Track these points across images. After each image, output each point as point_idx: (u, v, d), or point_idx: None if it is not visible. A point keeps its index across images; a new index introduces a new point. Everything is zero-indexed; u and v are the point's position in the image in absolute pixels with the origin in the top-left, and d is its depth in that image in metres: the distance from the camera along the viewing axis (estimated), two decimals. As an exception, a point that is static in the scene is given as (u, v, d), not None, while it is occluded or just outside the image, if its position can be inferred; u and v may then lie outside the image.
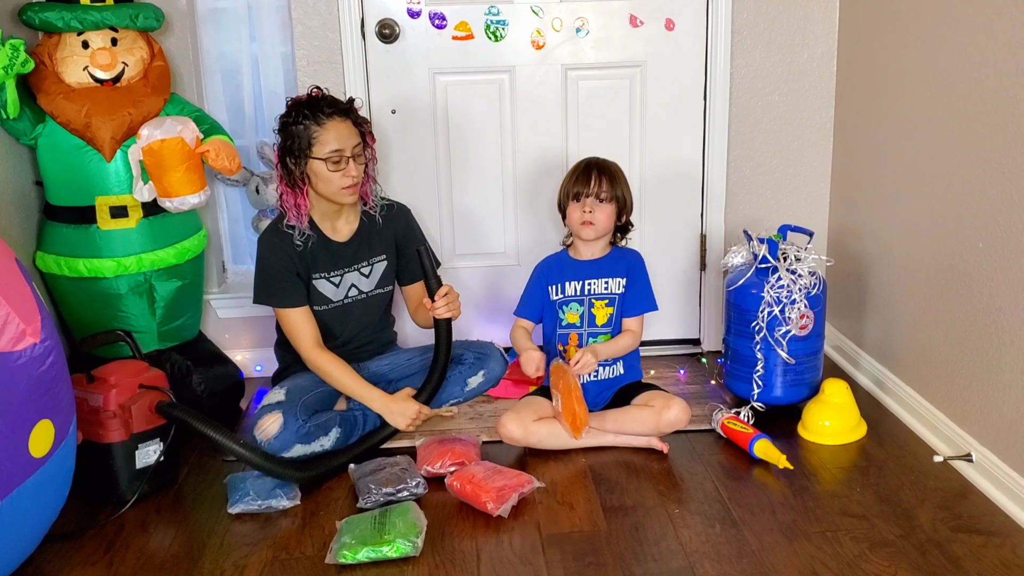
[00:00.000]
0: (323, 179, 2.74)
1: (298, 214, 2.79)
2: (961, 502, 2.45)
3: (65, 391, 2.18)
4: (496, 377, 2.99)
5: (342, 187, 2.75)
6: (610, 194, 2.81)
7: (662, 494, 2.56)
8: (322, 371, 2.82)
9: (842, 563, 2.20)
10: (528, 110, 3.37)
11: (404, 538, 2.28)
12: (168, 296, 3.08)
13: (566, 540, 2.35)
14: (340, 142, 2.71)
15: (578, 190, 2.82)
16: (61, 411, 2.15)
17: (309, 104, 2.73)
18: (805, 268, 2.89)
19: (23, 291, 2.08)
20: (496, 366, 2.98)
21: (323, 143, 2.71)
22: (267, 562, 2.30)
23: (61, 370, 2.15)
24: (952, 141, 2.64)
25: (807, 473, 2.63)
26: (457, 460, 2.68)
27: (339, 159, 2.72)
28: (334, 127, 2.71)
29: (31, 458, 2.05)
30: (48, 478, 2.13)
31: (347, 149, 2.73)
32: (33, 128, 2.90)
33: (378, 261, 2.96)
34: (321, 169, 2.73)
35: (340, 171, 2.72)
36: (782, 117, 3.40)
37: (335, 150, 2.71)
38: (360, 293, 2.94)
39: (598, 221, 2.82)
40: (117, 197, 2.94)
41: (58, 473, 2.17)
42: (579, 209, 2.82)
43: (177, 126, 2.88)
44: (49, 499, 2.19)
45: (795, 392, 2.96)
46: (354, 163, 2.75)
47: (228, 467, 2.78)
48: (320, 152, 2.71)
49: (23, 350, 2.01)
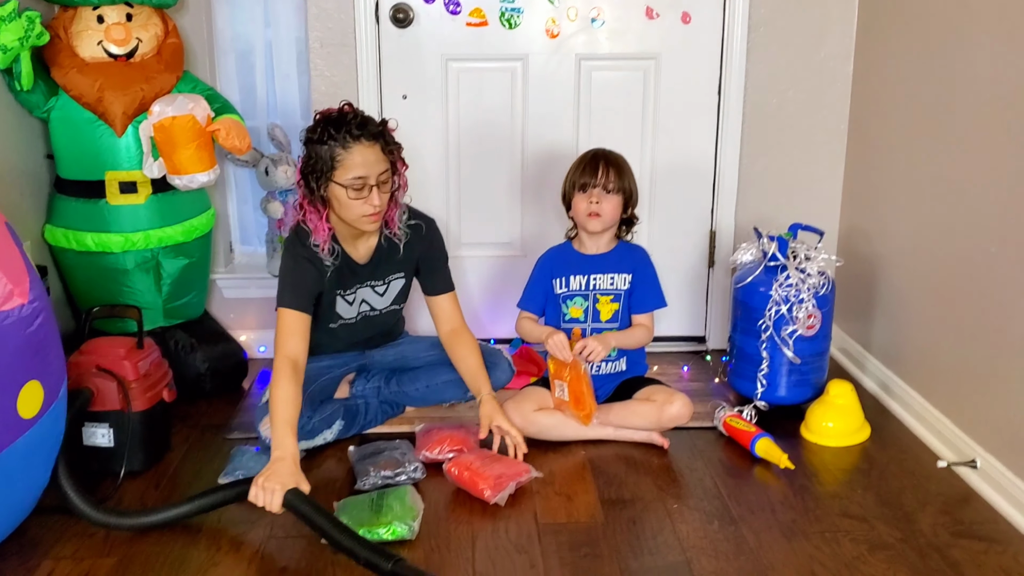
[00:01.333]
0: (343, 204, 2.55)
1: (321, 237, 2.61)
2: (963, 508, 2.43)
3: (55, 354, 2.18)
4: (500, 385, 2.91)
5: (363, 215, 2.56)
6: (617, 185, 2.79)
7: (661, 489, 2.54)
8: (272, 387, 2.53)
9: (840, 564, 2.18)
10: (540, 99, 3.35)
11: (401, 521, 2.28)
12: (175, 273, 3.09)
13: (563, 530, 2.34)
14: (365, 168, 2.51)
15: (585, 180, 2.80)
16: (51, 373, 2.15)
17: (337, 123, 2.51)
18: (814, 267, 2.87)
19: (12, 253, 2.09)
20: (502, 375, 2.92)
21: (346, 168, 2.51)
22: (264, 540, 2.30)
23: (51, 332, 2.16)
24: (967, 144, 2.61)
25: (808, 473, 2.62)
26: (456, 447, 2.67)
27: (362, 186, 2.52)
28: (360, 152, 2.50)
29: (20, 419, 2.06)
30: (38, 440, 2.14)
31: (372, 177, 2.52)
32: (46, 101, 2.90)
33: (395, 279, 2.83)
34: (342, 194, 2.53)
35: (362, 199, 2.53)
36: (797, 115, 3.38)
37: (359, 177, 2.51)
38: (372, 310, 2.84)
39: (605, 212, 2.80)
40: (127, 172, 2.95)
41: (48, 436, 2.18)
42: (585, 200, 2.80)
43: (189, 104, 2.87)
44: (40, 462, 2.20)
45: (799, 392, 2.94)
46: (378, 191, 2.54)
47: (229, 444, 2.78)
48: (342, 177, 2.51)
49: (11, 310, 2.02)
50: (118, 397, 2.55)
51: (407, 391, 2.92)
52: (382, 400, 2.91)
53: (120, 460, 2.56)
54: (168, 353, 3.03)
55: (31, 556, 2.23)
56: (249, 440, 2.79)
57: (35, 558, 2.22)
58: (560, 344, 2.72)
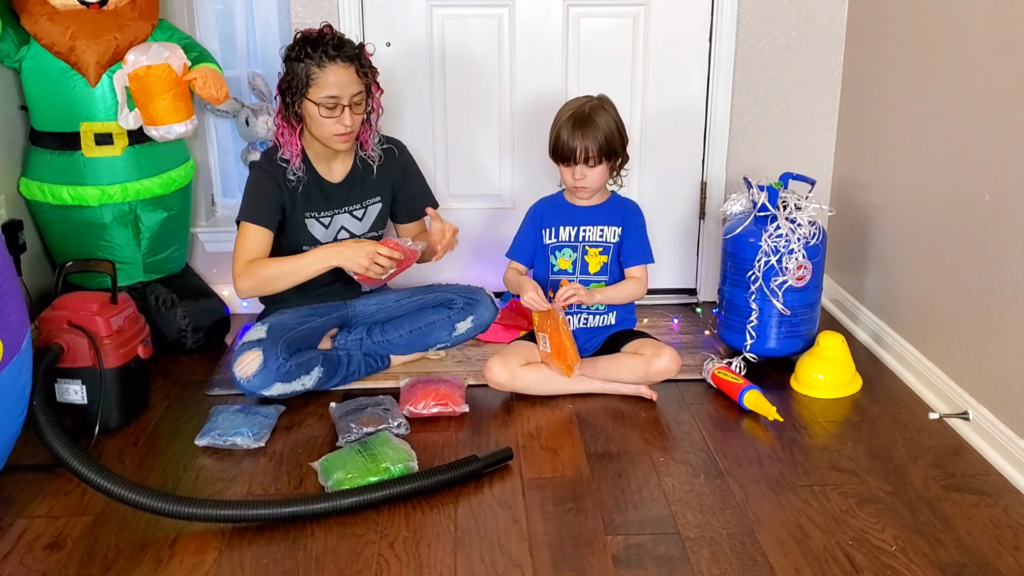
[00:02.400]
0: (316, 122, 2.66)
1: (291, 151, 2.71)
2: (955, 460, 2.39)
3: (15, 306, 2.11)
4: (485, 323, 2.94)
5: (334, 134, 2.66)
6: (598, 156, 2.69)
7: (648, 442, 2.50)
8: (258, 278, 2.68)
9: (828, 518, 2.15)
10: (527, 47, 3.27)
11: (402, 463, 2.29)
12: (154, 227, 3.03)
13: (547, 485, 2.30)
14: (338, 88, 2.61)
15: (566, 155, 2.71)
16: (10, 325, 2.09)
17: (315, 42, 2.61)
18: (805, 217, 2.81)
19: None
20: (486, 312, 2.92)
21: (320, 86, 2.61)
22: (242, 497, 2.26)
23: (10, 286, 2.09)
24: (962, 91, 2.55)
25: (798, 426, 2.58)
26: (441, 401, 2.64)
27: (334, 105, 2.62)
28: (334, 72, 2.60)
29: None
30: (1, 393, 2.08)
31: (345, 97, 2.62)
32: (17, 50, 2.83)
33: (372, 203, 2.88)
34: (314, 112, 2.64)
35: (333, 118, 2.64)
36: (789, 63, 3.30)
37: (331, 96, 2.61)
38: (350, 236, 2.86)
39: (590, 182, 2.73)
40: (102, 124, 2.88)
41: (12, 389, 2.12)
42: (569, 173, 2.74)
43: (164, 52, 2.80)
44: (3, 417, 2.13)
45: (789, 344, 2.90)
46: (350, 112, 2.64)
47: (209, 401, 2.74)
48: (316, 95, 2.61)
49: None
50: (89, 353, 2.50)
51: (391, 339, 2.89)
52: (365, 352, 2.87)
53: (94, 417, 2.51)
54: (148, 309, 2.99)
55: (4, 514, 2.20)
56: (229, 398, 2.75)
57: (8, 516, 2.19)
58: (534, 298, 2.67)
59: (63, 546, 2.08)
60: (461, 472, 2.29)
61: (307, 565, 2.00)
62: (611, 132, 2.71)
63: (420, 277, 3.25)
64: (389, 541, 2.08)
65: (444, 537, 2.10)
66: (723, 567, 1.98)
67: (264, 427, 2.54)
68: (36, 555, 2.06)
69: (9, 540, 2.10)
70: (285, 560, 2.02)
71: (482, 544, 2.07)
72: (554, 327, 2.67)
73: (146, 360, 2.67)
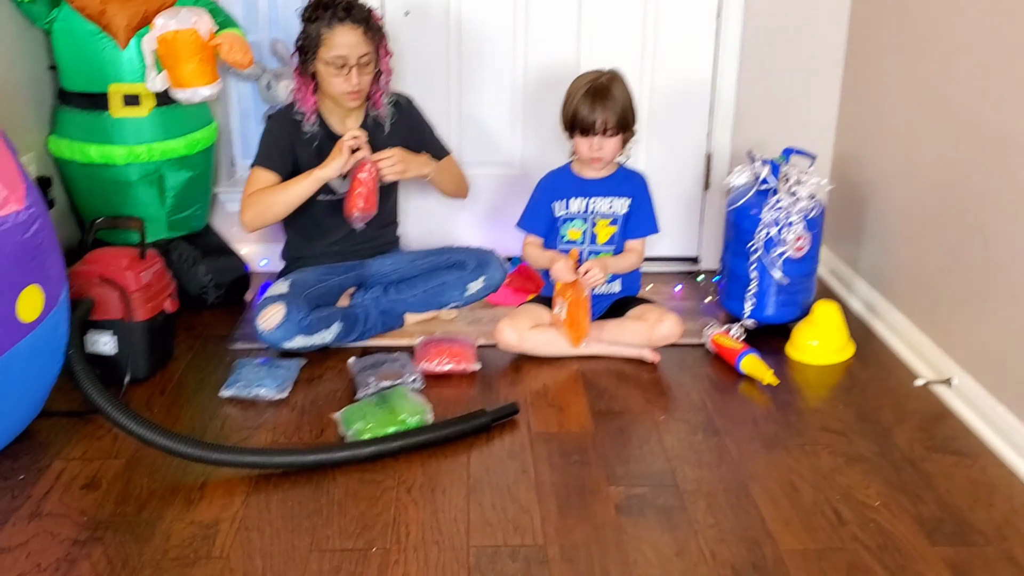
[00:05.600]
0: (326, 80, 2.82)
1: (306, 106, 2.88)
2: (938, 424, 2.52)
3: (54, 260, 2.25)
4: (496, 284, 3.06)
5: (342, 92, 2.82)
6: (616, 127, 2.80)
7: (649, 402, 2.63)
8: (258, 206, 2.84)
9: (818, 475, 2.28)
10: (541, 16, 3.36)
11: (418, 415, 2.43)
12: (178, 186, 3.14)
13: (554, 439, 2.44)
14: (346, 49, 2.76)
15: (585, 127, 2.80)
16: (50, 278, 2.22)
17: (326, 5, 2.77)
18: (805, 191, 2.92)
19: (7, 161, 2.14)
20: (496, 273, 3.04)
21: (329, 46, 2.77)
22: (266, 445, 2.40)
23: (48, 238, 2.22)
24: (960, 71, 2.65)
25: (792, 390, 2.71)
26: (454, 358, 2.76)
27: (342, 64, 2.78)
28: (342, 33, 2.76)
29: (20, 323, 2.13)
30: (40, 344, 2.21)
31: (352, 58, 2.77)
32: (48, 12, 2.92)
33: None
34: (324, 71, 2.81)
35: (341, 77, 2.79)
36: (795, 39, 3.39)
37: (339, 55, 2.77)
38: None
39: (607, 154, 2.84)
40: (130, 85, 2.98)
41: (50, 340, 2.25)
42: (586, 144, 2.83)
43: (192, 17, 2.89)
44: (42, 365, 2.27)
45: (786, 312, 3.02)
46: (357, 72, 2.79)
47: (232, 354, 2.87)
48: (325, 55, 2.78)
49: (6, 216, 2.08)
50: (120, 306, 2.62)
51: (405, 298, 3.01)
52: (381, 310, 2.99)
53: (124, 367, 2.64)
54: (171, 265, 3.09)
55: (41, 456, 2.33)
56: (251, 351, 2.87)
57: (46, 458, 2.32)
58: (564, 269, 2.79)
59: (98, 486, 2.22)
60: (471, 425, 2.43)
61: (330, 508, 2.14)
62: (627, 104, 2.82)
63: (433, 240, 3.37)
64: (407, 487, 2.22)
65: (458, 484, 2.24)
66: (718, 517, 2.12)
67: (286, 379, 2.67)
68: (74, 494, 2.19)
69: (48, 479, 2.24)
70: (309, 503, 2.16)
71: (493, 492, 2.21)
72: (575, 298, 2.77)
73: (172, 314, 2.79)
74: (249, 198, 2.84)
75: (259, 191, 2.84)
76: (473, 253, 3.08)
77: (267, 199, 2.83)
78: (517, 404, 2.55)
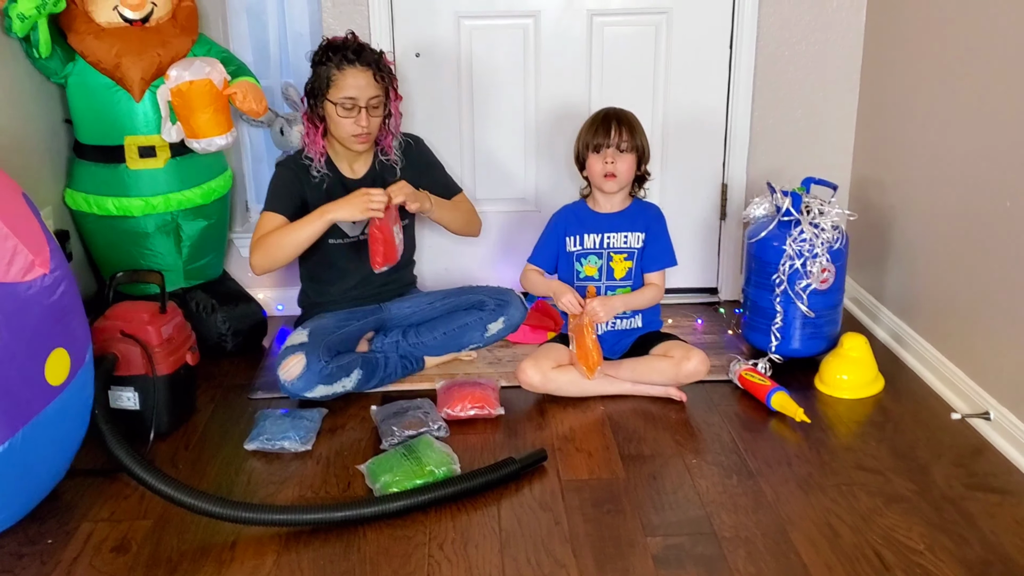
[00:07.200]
0: (334, 122, 2.81)
1: (315, 150, 2.87)
2: (977, 460, 2.48)
3: (79, 320, 2.24)
4: (516, 323, 3.03)
5: (351, 134, 2.81)
6: (630, 144, 2.82)
7: (679, 444, 2.60)
8: (266, 247, 2.78)
9: (857, 517, 2.24)
10: (552, 56, 3.36)
11: (445, 466, 2.40)
12: (194, 235, 3.12)
13: (585, 487, 2.40)
14: (356, 91, 2.76)
15: (599, 141, 2.82)
16: (76, 340, 2.21)
17: (336, 47, 2.78)
18: (828, 222, 2.90)
19: (31, 224, 2.13)
20: (516, 312, 3.02)
21: (339, 87, 2.76)
22: (294, 500, 2.37)
23: (73, 300, 2.21)
24: (982, 94, 2.62)
25: (823, 426, 2.67)
26: (477, 403, 2.73)
27: (351, 106, 2.77)
28: (353, 75, 2.75)
29: (48, 386, 2.12)
30: (67, 405, 2.20)
31: (361, 99, 2.77)
32: (63, 67, 2.91)
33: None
34: (333, 112, 2.80)
35: (351, 119, 2.78)
36: (808, 67, 3.38)
37: (348, 97, 2.76)
38: None
39: (620, 172, 2.83)
40: (146, 137, 2.97)
41: (77, 400, 2.24)
42: (600, 161, 2.83)
43: (205, 67, 2.88)
44: (70, 428, 2.26)
45: (813, 345, 2.99)
46: (366, 114, 2.78)
47: (253, 404, 2.84)
48: (334, 96, 2.77)
49: (33, 280, 2.07)
50: (142, 362, 2.60)
51: (425, 341, 2.98)
52: (401, 354, 2.96)
53: (147, 422, 2.62)
54: (189, 314, 3.07)
55: (69, 519, 2.29)
56: (272, 401, 2.85)
57: (73, 520, 2.29)
58: (572, 302, 2.78)
59: (128, 549, 2.18)
60: (501, 474, 2.39)
61: (362, 567, 2.10)
62: (641, 129, 2.86)
63: (448, 279, 3.35)
64: (439, 543, 2.18)
65: (490, 538, 2.20)
66: (759, 566, 2.07)
67: (310, 431, 2.63)
68: (104, 557, 2.16)
69: (77, 543, 2.20)
70: (341, 562, 2.12)
71: (527, 545, 2.17)
72: (578, 330, 2.77)
73: (194, 366, 2.76)
74: (258, 241, 2.82)
75: (266, 235, 2.81)
76: (492, 292, 3.05)
77: (276, 240, 2.79)
78: (545, 450, 2.51)
